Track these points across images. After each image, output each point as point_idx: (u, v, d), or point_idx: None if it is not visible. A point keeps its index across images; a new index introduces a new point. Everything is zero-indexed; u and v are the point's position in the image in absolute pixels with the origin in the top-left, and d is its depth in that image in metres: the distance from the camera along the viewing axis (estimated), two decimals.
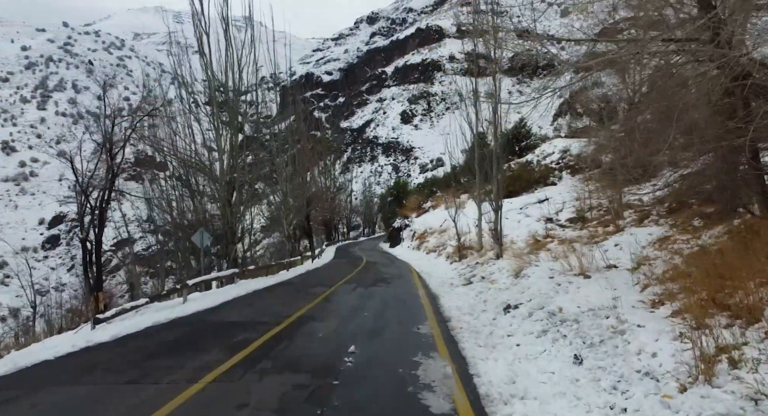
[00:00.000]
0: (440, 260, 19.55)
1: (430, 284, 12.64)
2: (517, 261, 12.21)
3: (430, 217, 30.40)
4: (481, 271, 13.08)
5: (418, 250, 25.24)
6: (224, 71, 13.48)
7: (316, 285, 12.46)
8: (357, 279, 14.05)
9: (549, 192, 24.78)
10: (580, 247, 11.99)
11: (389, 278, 14.34)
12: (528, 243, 15.25)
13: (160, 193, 16.32)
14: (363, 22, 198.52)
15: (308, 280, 14.19)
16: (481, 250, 17.82)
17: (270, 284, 12.77)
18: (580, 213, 18.39)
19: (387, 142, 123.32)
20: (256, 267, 13.95)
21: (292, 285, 12.71)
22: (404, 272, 16.52)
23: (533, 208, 22.31)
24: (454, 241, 20.70)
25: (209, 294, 10.64)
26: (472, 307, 8.73)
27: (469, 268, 14.41)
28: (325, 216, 42.76)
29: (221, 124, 14.16)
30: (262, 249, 45.71)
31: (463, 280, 12.75)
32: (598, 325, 5.32)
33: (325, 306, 9.14)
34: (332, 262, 22.61)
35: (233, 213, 14.50)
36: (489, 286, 10.62)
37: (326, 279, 14.45)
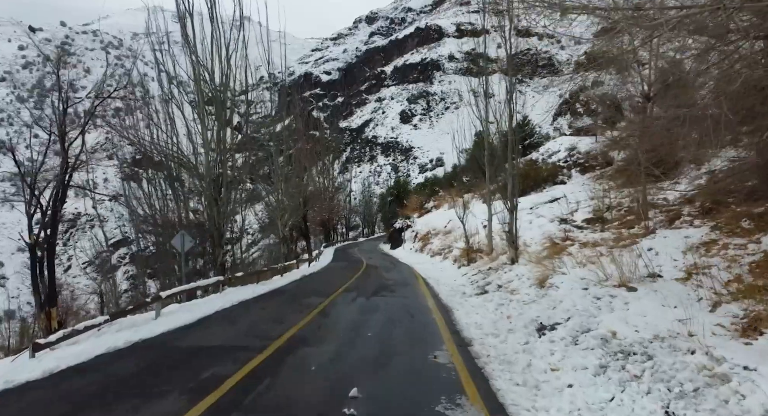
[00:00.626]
0: (446, 264, 18.21)
1: (439, 293, 11.28)
2: (537, 268, 10.87)
3: (433, 218, 29.06)
4: (496, 278, 11.75)
5: (421, 253, 23.88)
6: (210, 54, 12.11)
7: (311, 295, 11.09)
8: (357, 287, 12.69)
9: (559, 191, 23.49)
10: (608, 251, 10.71)
11: (393, 285, 12.99)
12: (544, 247, 13.95)
13: (143, 193, 14.86)
14: (362, 22, 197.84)
15: (303, 288, 12.83)
16: (491, 254, 16.50)
17: (260, 293, 11.41)
18: (597, 213, 17.08)
19: (386, 142, 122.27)
20: (245, 274, 12.58)
21: (284, 295, 11.34)
22: (408, 278, 15.16)
23: (544, 207, 21.00)
24: (462, 243, 19.36)
25: (188, 307, 9.26)
26: (495, 325, 7.38)
27: (481, 274, 13.06)
28: (323, 216, 41.40)
29: (207, 115, 12.79)
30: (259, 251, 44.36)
31: (477, 289, 11.40)
32: (682, 364, 3.97)
33: (321, 323, 7.77)
34: (330, 266, 21.24)
35: (220, 213, 13.13)
36: (509, 297, 9.27)
37: (323, 286, 13.08)
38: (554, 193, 23.44)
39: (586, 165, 28.49)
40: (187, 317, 8.10)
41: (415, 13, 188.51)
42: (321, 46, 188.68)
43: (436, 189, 36.02)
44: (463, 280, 13.51)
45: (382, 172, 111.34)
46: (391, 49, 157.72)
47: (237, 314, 8.62)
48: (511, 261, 12.95)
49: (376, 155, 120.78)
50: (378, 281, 14.23)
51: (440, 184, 38.84)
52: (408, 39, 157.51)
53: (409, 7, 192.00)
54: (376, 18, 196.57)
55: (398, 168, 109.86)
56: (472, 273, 13.97)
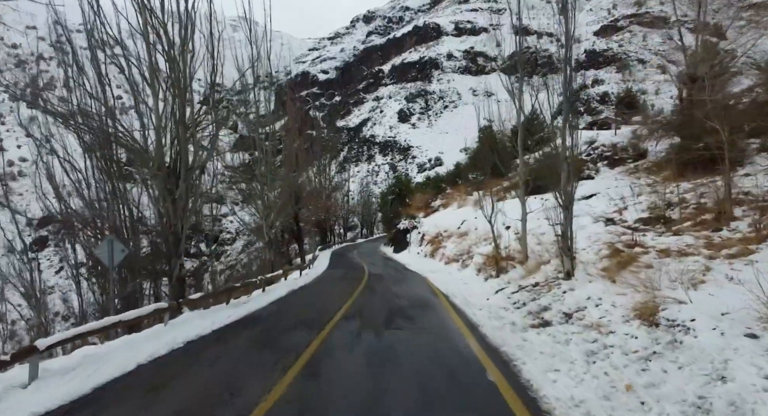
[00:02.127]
0: (467, 274, 14.89)
1: (478, 323, 7.98)
2: (618, 288, 7.62)
3: (442, 217, 25.76)
4: (554, 300, 8.45)
5: (431, 258, 20.55)
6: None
7: (296, 327, 7.74)
8: (361, 311, 9.36)
9: (589, 186, 20.27)
10: (707, 262, 7.53)
11: (408, 307, 9.66)
12: (600, 255, 10.72)
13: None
14: (359, 21, 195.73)
15: (288, 312, 9.46)
16: (525, 262, 13.23)
17: (224, 323, 8.06)
18: (657, 211, 13.84)
19: (384, 141, 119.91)
20: (206, 294, 9.15)
21: (257, 326, 7.95)
22: (425, 294, 11.84)
23: (579, 205, 17.74)
24: (485, 248, 16.06)
25: (102, 356, 5.90)
26: (611, 405, 4.10)
27: (527, 293, 9.75)
28: (318, 216, 38.03)
29: (157, 81, 9.46)
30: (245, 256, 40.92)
31: (529, 316, 8.10)
32: None
33: (303, 399, 4.46)
34: (326, 275, 17.86)
35: (177, 210, 9.79)
36: (598, 339, 5.97)
37: (315, 309, 9.72)
38: (583, 189, 20.23)
39: (616, 158, 25.39)
40: (80, 381, 4.79)
41: (413, 11, 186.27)
42: (318, 45, 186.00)
43: (442, 186, 32.72)
44: (500, 300, 10.20)
45: (380, 171, 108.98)
46: (389, 47, 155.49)
47: (167, 374, 5.26)
48: (566, 274, 9.67)
49: (373, 154, 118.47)
50: (387, 300, 10.88)
51: (444, 182, 35.58)
52: (406, 37, 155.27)
53: (407, 6, 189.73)
54: (373, 17, 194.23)
55: (396, 167, 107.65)
56: (511, 290, 10.65)
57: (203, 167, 10.22)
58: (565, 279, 9.66)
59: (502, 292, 10.85)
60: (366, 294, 11.80)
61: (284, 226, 26.96)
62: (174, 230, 9.90)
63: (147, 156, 9.52)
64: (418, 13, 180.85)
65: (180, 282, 9.99)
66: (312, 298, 11.56)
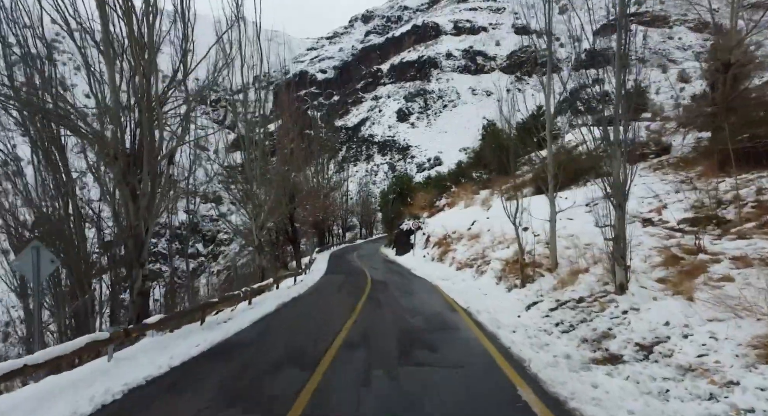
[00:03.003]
0: (485, 282, 13.02)
1: (518, 353, 6.10)
2: (708, 311, 5.77)
3: (448, 217, 23.91)
4: (614, 324, 6.59)
5: (440, 263, 18.65)
6: None
7: (281, 364, 5.80)
8: (366, 334, 7.45)
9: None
10: None
11: (425, 329, 7.76)
12: (651, 263, 8.91)
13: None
14: (358, 21, 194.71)
15: (273, 338, 7.48)
16: (555, 269, 11.38)
17: (190, 355, 6.15)
18: (705, 210, 11.95)
19: (383, 141, 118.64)
20: (167, 317, 7.12)
21: (231, 362, 5.91)
22: (441, 309, 9.95)
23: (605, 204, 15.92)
24: (502, 252, 14.20)
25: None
26: None
27: (569, 310, 7.88)
28: (316, 216, 36.10)
29: (113, 50, 7.55)
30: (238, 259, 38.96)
31: (587, 347, 6.24)
32: None
33: None
34: (323, 282, 15.92)
35: (139, 209, 7.89)
36: (722, 397, 4.11)
37: (308, 331, 7.79)
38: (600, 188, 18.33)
39: (637, 153, 23.64)
40: None
41: (412, 11, 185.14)
42: (317, 45, 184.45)
43: (447, 184, 30.85)
44: (536, 318, 8.33)
45: (378, 171, 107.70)
46: (388, 46, 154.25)
47: None
48: (618, 288, 7.81)
49: (372, 154, 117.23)
50: (397, 317, 8.98)
51: (447, 180, 33.74)
52: (405, 37, 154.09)
53: (406, 6, 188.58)
54: (372, 16, 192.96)
55: (395, 167, 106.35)
56: (547, 305, 8.78)
57: (172, 155, 8.34)
58: (617, 293, 7.80)
59: (535, 308, 8.98)
60: (370, 309, 9.90)
61: (278, 227, 25.10)
62: (135, 232, 7.99)
63: (102, 140, 7.61)
64: (417, 13, 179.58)
65: (142, 297, 8.08)
66: (306, 315, 9.63)
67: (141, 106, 7.69)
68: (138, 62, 7.37)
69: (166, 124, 8.16)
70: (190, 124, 8.09)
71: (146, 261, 8.18)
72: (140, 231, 8.03)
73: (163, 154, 8.04)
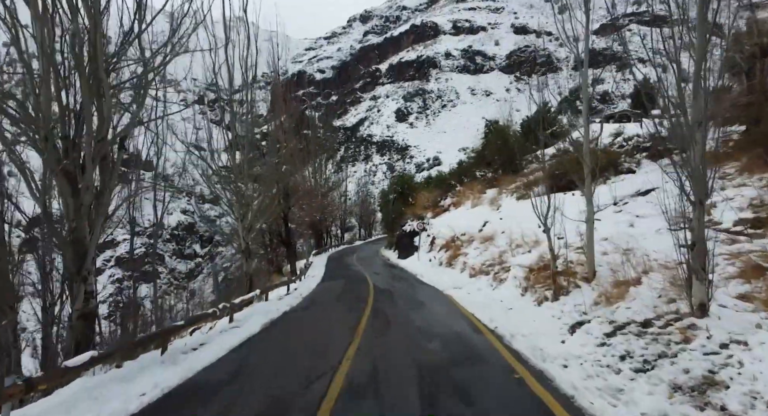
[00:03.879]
0: (506, 293, 11.22)
1: (592, 410, 4.32)
2: None
3: (455, 218, 22.14)
4: (716, 364, 4.81)
5: (450, 268, 16.83)
6: None
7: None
8: (374, 373, 5.60)
9: (636, 181, 16.73)
10: None
11: (449, 362, 5.93)
12: (724, 275, 7.22)
13: None
14: (356, 21, 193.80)
15: (250, 378, 5.44)
16: (593, 280, 9.62)
17: (125, 414, 4.35)
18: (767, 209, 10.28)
19: (381, 141, 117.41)
20: (99, 357, 5.10)
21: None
22: (463, 329, 8.15)
23: (637, 204, 14.27)
24: (522, 257, 12.42)
25: None
26: None
27: (634, 338, 6.09)
28: (313, 217, 34.26)
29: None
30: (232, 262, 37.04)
31: (686, 400, 4.45)
32: None
33: None
34: (320, 292, 14.04)
35: (80, 209, 6.10)
36: None
37: (297, 371, 5.86)
38: (631, 184, 16.79)
39: (660, 149, 21.97)
40: None
41: (410, 11, 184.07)
42: (315, 45, 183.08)
43: (452, 183, 29.09)
44: (589, 345, 6.54)
45: (377, 171, 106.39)
46: (386, 46, 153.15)
47: None
48: (698, 308, 6.04)
49: (371, 154, 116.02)
50: (410, 343, 7.17)
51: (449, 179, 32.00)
52: (403, 36, 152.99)
53: (404, 6, 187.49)
54: (370, 17, 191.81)
55: (394, 167, 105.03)
56: (600, 329, 6.97)
57: (124, 139, 6.53)
58: (697, 315, 6.03)
59: (583, 331, 7.18)
60: (376, 329, 8.08)
61: (272, 229, 23.30)
62: (75, 237, 6.17)
63: (29, 117, 5.80)
64: (416, 12, 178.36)
65: (85, 321, 6.26)
66: (297, 340, 7.77)
67: (81, 72, 5.87)
68: (76, 9, 5.57)
69: (116, 96, 6.37)
70: (146, 96, 6.26)
71: (90, 273, 6.37)
72: (82, 235, 6.22)
73: (111, 137, 6.24)
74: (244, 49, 12.37)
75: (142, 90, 6.26)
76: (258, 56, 13.37)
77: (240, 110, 12.73)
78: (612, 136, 23.56)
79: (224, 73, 11.84)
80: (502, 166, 27.05)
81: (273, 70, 17.47)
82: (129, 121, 6.39)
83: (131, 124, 6.40)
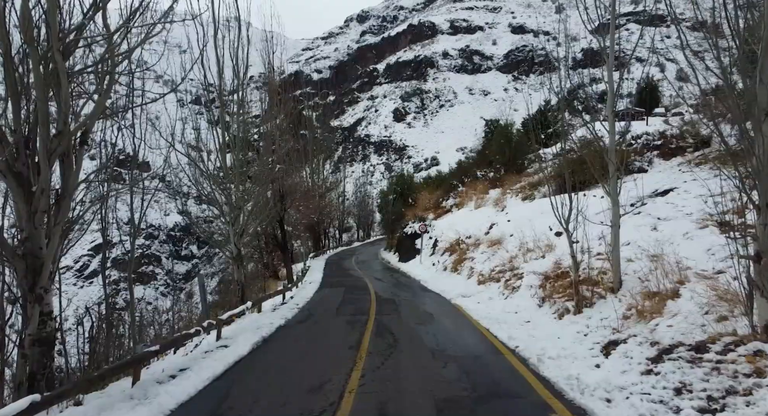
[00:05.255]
0: (521, 303, 10.28)
1: None
2: None
3: (459, 220, 21.24)
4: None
5: (455, 273, 15.89)
6: None
7: None
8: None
9: (651, 180, 15.97)
10: None
11: (473, 403, 5.00)
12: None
13: None
14: (353, 21, 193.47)
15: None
16: (619, 290, 8.71)
17: None
18: None
19: (379, 141, 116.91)
20: (49, 397, 4.22)
21: None
22: (481, 352, 7.18)
23: (656, 204, 13.45)
24: (536, 264, 11.50)
25: None
26: None
27: (687, 366, 5.17)
28: (311, 219, 33.25)
29: None
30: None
31: None
32: None
33: None
34: (317, 302, 13.02)
35: (35, 216, 5.15)
36: None
37: (282, 414, 4.91)
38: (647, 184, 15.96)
39: (672, 147, 21.18)
40: None
41: (408, 10, 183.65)
42: (312, 45, 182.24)
43: (454, 183, 28.19)
44: (629, 373, 5.60)
45: (375, 171, 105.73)
46: (384, 46, 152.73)
47: None
48: (764, 331, 5.11)
49: (368, 154, 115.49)
50: (422, 369, 6.21)
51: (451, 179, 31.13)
52: (401, 36, 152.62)
53: (401, 5, 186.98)
54: (367, 16, 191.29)
55: (392, 167, 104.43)
56: (640, 352, 6.04)
57: (86, 135, 5.55)
58: (762, 339, 5.11)
59: (620, 354, 6.23)
60: (381, 351, 7.09)
61: (267, 232, 22.32)
62: (28, 248, 5.21)
63: None
64: (413, 12, 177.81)
65: (41, 347, 5.29)
66: (290, 365, 6.76)
67: (33, 51, 4.90)
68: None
69: (76, 83, 5.41)
70: (113, 82, 5.27)
71: (47, 291, 5.40)
72: (36, 246, 5.25)
73: (70, 132, 5.27)
74: (236, 39, 11.42)
75: (107, 74, 5.29)
76: (251, 49, 12.47)
77: (233, 107, 11.81)
78: (619, 134, 22.76)
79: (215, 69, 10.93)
80: (504, 165, 26.23)
81: (268, 64, 16.52)
82: (92, 111, 5.42)
83: (94, 114, 5.42)
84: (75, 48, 5.31)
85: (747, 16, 5.27)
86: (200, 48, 8.64)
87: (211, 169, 10.61)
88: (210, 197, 10.54)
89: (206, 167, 10.90)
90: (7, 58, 5.17)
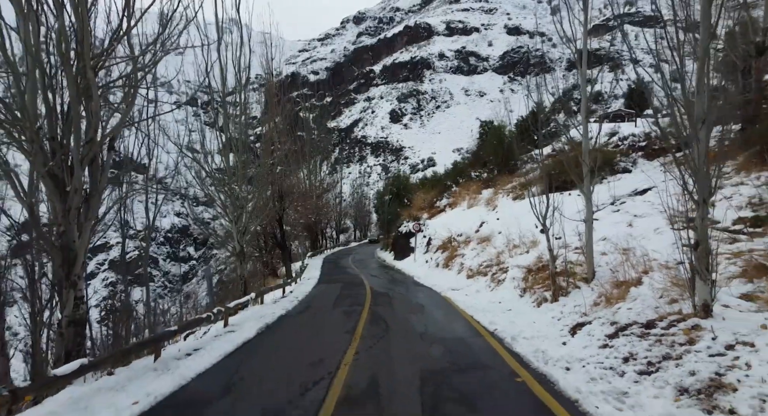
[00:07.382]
0: (505, 295, 11.13)
1: (597, 414, 4.20)
2: None
3: (451, 219, 22.07)
4: (722, 367, 4.71)
5: (447, 269, 16.73)
6: None
7: None
8: (373, 385, 5.27)
9: (633, 180, 16.86)
10: None
11: (453, 372, 5.73)
12: (726, 275, 7.22)
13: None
14: (349, 22, 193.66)
15: (245, 387, 5.23)
16: (592, 280, 9.55)
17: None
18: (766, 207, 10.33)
19: (376, 142, 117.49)
20: (91, 364, 4.87)
21: None
22: (463, 334, 8.03)
23: (634, 203, 14.28)
24: (521, 258, 12.35)
25: None
26: None
27: (637, 340, 5.99)
28: (308, 219, 34.03)
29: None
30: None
31: (694, 403, 4.37)
32: None
33: None
34: (315, 295, 13.86)
35: (69, 213, 5.93)
36: None
37: (293, 377, 5.61)
38: (628, 183, 16.92)
39: (655, 148, 22.07)
40: None
41: (404, 12, 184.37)
42: (308, 46, 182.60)
43: (448, 183, 29.02)
44: (591, 347, 6.43)
45: (371, 172, 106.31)
46: (380, 47, 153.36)
47: None
48: (702, 309, 5.95)
49: (365, 155, 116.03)
50: (411, 349, 7.03)
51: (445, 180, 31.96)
52: (397, 37, 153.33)
53: (397, 7, 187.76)
54: (363, 18, 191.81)
55: (389, 168, 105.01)
56: (602, 331, 6.88)
57: (114, 140, 6.34)
58: (701, 316, 5.94)
59: (585, 333, 7.08)
60: (374, 335, 7.93)
61: (267, 231, 23.07)
62: (64, 242, 5.98)
63: (14, 118, 5.61)
64: (409, 14, 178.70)
65: (75, 327, 6.06)
66: (292, 345, 7.61)
67: (68, 70, 5.68)
68: (61, 5, 5.39)
69: (105, 96, 6.18)
70: (136, 95, 6.08)
71: (80, 279, 6.17)
72: (71, 239, 6.02)
73: (100, 138, 6.05)
74: (237, 49, 12.20)
75: (131, 89, 6.08)
76: (251, 55, 13.22)
77: (234, 112, 12.56)
78: (607, 135, 23.68)
79: (217, 73, 11.71)
80: (498, 166, 27.06)
81: (267, 71, 17.27)
82: (118, 121, 6.20)
83: (120, 124, 6.21)
84: (102, 67, 6.09)
85: (686, 36, 6.12)
86: (206, 72, 9.42)
87: (215, 170, 11.37)
88: (214, 196, 11.30)
89: (210, 168, 11.67)
90: (42, 75, 5.95)
